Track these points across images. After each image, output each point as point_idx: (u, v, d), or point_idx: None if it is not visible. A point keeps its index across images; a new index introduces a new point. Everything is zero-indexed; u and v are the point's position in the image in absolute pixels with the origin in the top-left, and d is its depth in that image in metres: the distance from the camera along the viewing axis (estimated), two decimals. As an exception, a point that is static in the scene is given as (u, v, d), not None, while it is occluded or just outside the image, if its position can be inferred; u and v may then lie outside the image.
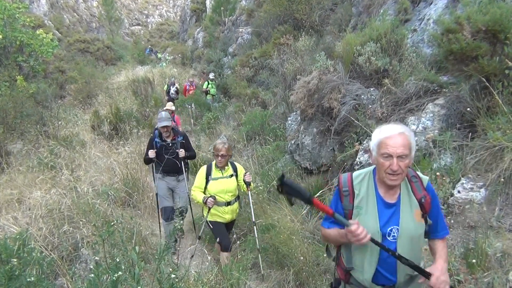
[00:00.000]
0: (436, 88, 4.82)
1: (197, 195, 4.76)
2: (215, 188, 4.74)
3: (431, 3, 6.25)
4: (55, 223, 4.93)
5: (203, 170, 4.89)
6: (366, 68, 5.81)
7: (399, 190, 2.23)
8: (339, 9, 9.98)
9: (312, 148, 6.28)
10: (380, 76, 5.69)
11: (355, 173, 2.36)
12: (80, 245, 4.68)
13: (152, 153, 5.74)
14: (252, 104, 10.76)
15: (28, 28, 15.89)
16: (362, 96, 5.56)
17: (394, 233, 2.16)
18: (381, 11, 7.08)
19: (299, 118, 7.00)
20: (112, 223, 3.36)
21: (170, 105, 9.42)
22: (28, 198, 5.72)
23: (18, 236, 3.92)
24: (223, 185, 4.77)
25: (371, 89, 5.68)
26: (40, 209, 5.20)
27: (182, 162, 5.95)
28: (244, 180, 4.82)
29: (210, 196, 4.59)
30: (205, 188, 4.80)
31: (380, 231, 2.16)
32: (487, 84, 3.81)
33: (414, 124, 4.60)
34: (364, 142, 5.12)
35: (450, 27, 4.23)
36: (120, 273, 2.19)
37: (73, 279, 3.74)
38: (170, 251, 3.95)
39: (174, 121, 8.37)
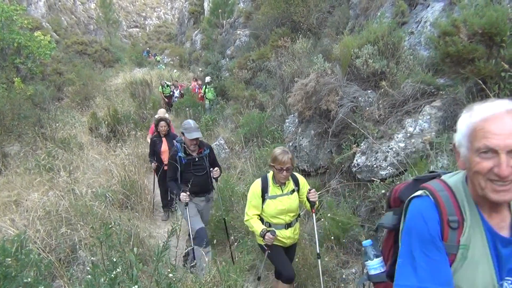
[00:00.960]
0: (433, 90, 4.84)
1: (254, 224, 3.76)
2: (273, 208, 3.77)
3: (428, 6, 6.29)
4: (52, 225, 4.93)
5: (257, 186, 3.84)
6: (363, 70, 5.83)
7: (510, 211, 1.40)
8: (337, 12, 10.02)
9: (310, 150, 6.30)
10: (378, 78, 5.71)
11: (450, 182, 1.45)
12: (77, 247, 4.68)
13: (185, 198, 4.70)
14: (250, 106, 10.78)
15: (25, 30, 15.87)
16: (360, 98, 5.58)
17: None
18: (379, 13, 7.11)
19: (296, 120, 7.01)
20: (110, 225, 3.36)
21: (163, 112, 8.60)
22: (26, 200, 5.72)
23: (15, 238, 3.92)
24: (283, 204, 3.78)
25: (369, 91, 5.70)
26: (37, 211, 5.20)
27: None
28: (308, 199, 3.79)
29: (269, 231, 3.59)
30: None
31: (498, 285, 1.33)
32: (484, 86, 3.84)
33: (411, 126, 4.62)
34: (362, 144, 5.13)
35: (446, 30, 4.25)
36: (118, 270, 2.19)
37: (71, 281, 3.74)
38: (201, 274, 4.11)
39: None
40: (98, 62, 28.76)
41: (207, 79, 15.82)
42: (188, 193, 4.77)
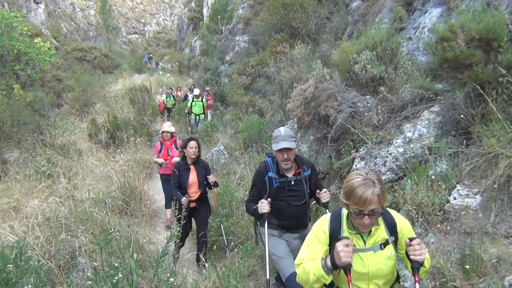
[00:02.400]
0: (431, 96, 4.86)
1: (310, 266, 2.24)
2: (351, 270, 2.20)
3: (426, 12, 6.32)
4: (52, 231, 4.93)
5: (322, 228, 2.39)
6: (362, 76, 5.85)
7: None
8: (335, 18, 10.07)
9: (309, 155, 6.31)
10: (376, 83, 5.73)
11: None
12: (77, 253, 4.68)
13: (265, 207, 3.45)
14: (249, 112, 10.80)
15: (25, 36, 15.94)
16: (358, 104, 5.60)
17: None
18: (377, 19, 7.14)
19: (296, 125, 7.03)
20: (109, 231, 3.36)
21: (168, 126, 7.50)
22: (25, 207, 5.71)
23: (15, 245, 3.92)
24: (366, 265, 2.28)
25: (367, 96, 5.72)
26: (37, 217, 5.19)
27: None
28: (409, 257, 2.17)
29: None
30: None
31: None
32: (482, 91, 3.85)
33: (410, 131, 4.63)
34: (361, 149, 5.15)
35: (444, 36, 4.28)
36: (120, 275, 2.19)
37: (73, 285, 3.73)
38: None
39: (177, 148, 6.97)
40: (98, 69, 28.81)
41: (196, 91, 14.20)
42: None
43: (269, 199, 3.48)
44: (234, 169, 8.10)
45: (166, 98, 17.51)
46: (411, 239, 2.17)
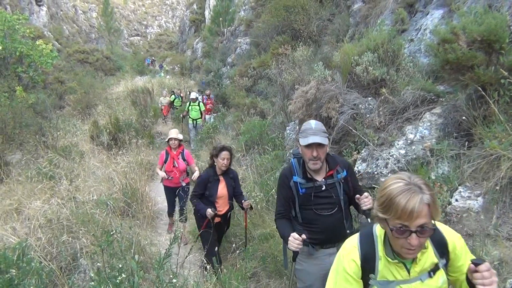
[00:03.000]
0: (433, 97, 4.86)
1: None
2: None
3: (428, 14, 6.32)
4: (54, 233, 4.93)
5: (352, 257, 1.85)
6: (363, 77, 5.85)
7: None
8: (337, 20, 10.08)
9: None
10: (378, 85, 5.73)
11: None
12: (79, 255, 4.68)
13: (295, 244, 2.68)
14: (251, 114, 10.81)
15: (27, 39, 15.98)
16: (360, 106, 5.59)
17: None
18: (378, 21, 7.15)
19: (297, 127, 7.03)
20: (111, 233, 3.37)
21: (176, 132, 6.79)
22: (27, 209, 5.72)
23: (17, 247, 3.92)
24: None
25: (369, 98, 5.72)
26: (39, 219, 5.20)
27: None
28: (471, 285, 1.62)
29: None
30: None
31: None
32: (483, 93, 3.85)
33: (411, 133, 4.63)
34: (362, 151, 5.14)
35: (446, 37, 4.27)
36: (123, 275, 2.19)
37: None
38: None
39: (184, 159, 6.69)
40: (100, 71, 28.88)
41: (193, 95, 13.55)
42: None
43: (303, 236, 2.65)
44: (236, 171, 8.09)
45: (174, 99, 17.14)
46: (476, 263, 1.58)
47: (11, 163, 8.58)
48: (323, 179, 3.02)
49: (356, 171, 4.94)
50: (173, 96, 17.21)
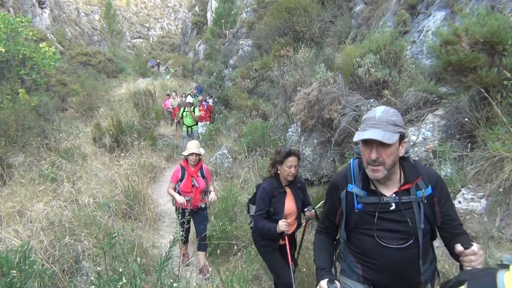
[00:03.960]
0: (435, 99, 4.85)
1: None
2: None
3: (430, 15, 6.32)
4: (56, 235, 4.92)
5: None
6: (365, 79, 5.85)
7: None
8: (339, 21, 10.08)
9: (313, 159, 6.29)
10: (380, 87, 5.72)
11: None
12: (81, 257, 4.67)
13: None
14: (253, 116, 10.81)
15: (30, 41, 16.03)
16: (362, 107, 5.58)
17: None
18: (380, 23, 7.14)
19: (299, 129, 7.02)
20: (113, 235, 3.36)
21: (196, 146, 5.48)
22: (30, 211, 5.72)
23: (19, 249, 3.92)
24: None
25: (371, 100, 5.71)
26: (41, 221, 5.20)
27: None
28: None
29: None
30: None
31: None
32: (486, 95, 3.84)
33: (414, 135, 4.61)
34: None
35: (448, 39, 4.27)
36: (124, 280, 2.19)
37: (76, 291, 3.73)
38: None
39: (204, 176, 5.52)
40: (102, 73, 28.95)
41: (189, 99, 12.78)
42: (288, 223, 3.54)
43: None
44: (237, 173, 8.09)
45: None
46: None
47: (14, 165, 8.59)
48: (394, 195, 2.07)
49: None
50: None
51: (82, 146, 10.50)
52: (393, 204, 2.07)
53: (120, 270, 2.44)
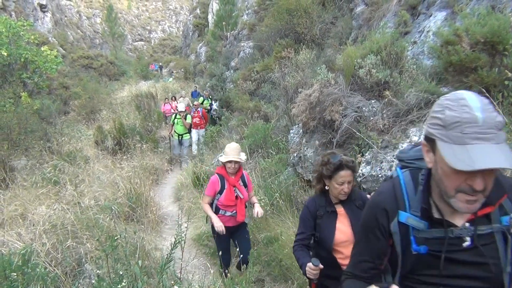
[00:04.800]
0: (436, 99, 4.83)
1: None
2: None
3: (431, 16, 6.31)
4: (58, 238, 4.94)
5: None
6: (367, 80, 5.84)
7: None
8: (340, 23, 10.08)
9: (315, 160, 6.29)
10: (381, 88, 5.71)
11: None
12: (83, 260, 4.68)
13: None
14: (255, 118, 10.81)
15: (32, 45, 16.12)
16: (364, 108, 5.58)
17: None
18: (381, 24, 7.14)
19: (301, 130, 7.02)
20: (115, 238, 3.37)
21: (236, 151, 4.55)
22: (32, 214, 5.73)
23: (22, 252, 3.93)
24: None
25: (372, 101, 5.70)
26: (44, 224, 5.21)
27: None
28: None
29: None
30: None
31: None
32: (487, 95, 3.83)
33: (416, 136, 4.61)
34: (366, 154, 5.13)
35: (449, 39, 4.27)
36: (124, 283, 2.19)
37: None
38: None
39: (246, 185, 4.69)
40: (104, 76, 29.05)
41: (180, 106, 11.71)
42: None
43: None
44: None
45: (203, 100, 15.88)
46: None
47: (17, 169, 8.62)
48: (468, 224, 1.45)
49: (360, 174, 4.91)
50: (201, 98, 16.31)
51: (85, 149, 10.54)
52: (468, 239, 1.42)
53: (121, 272, 2.44)
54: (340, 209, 2.91)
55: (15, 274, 3.01)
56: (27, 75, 15.38)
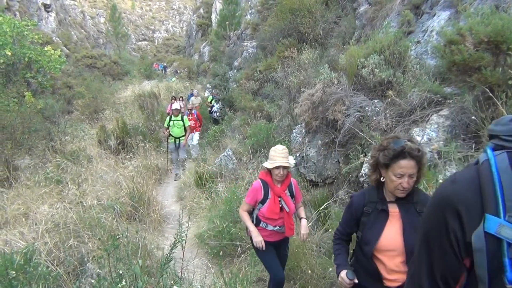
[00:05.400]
0: (440, 99, 4.81)
1: None
2: None
3: (434, 15, 6.29)
4: (61, 237, 4.95)
5: None
6: (370, 80, 5.83)
7: None
8: (343, 22, 10.05)
9: (317, 160, 6.27)
10: (384, 87, 5.70)
11: None
12: (85, 259, 4.69)
13: None
14: (257, 117, 10.80)
15: (36, 44, 16.18)
16: (366, 108, 5.56)
17: None
18: (385, 23, 7.12)
19: (303, 130, 7.01)
20: (117, 237, 3.37)
21: (283, 154, 3.75)
22: (35, 213, 5.75)
23: (24, 251, 3.94)
24: None
25: (375, 100, 5.69)
26: (46, 223, 5.22)
27: None
28: None
29: None
30: None
31: None
32: (491, 94, 3.81)
33: (419, 136, 4.58)
34: (369, 154, 5.11)
35: (452, 39, 4.24)
36: (124, 283, 2.19)
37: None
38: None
39: (293, 195, 3.91)
40: (108, 75, 29.10)
41: (175, 105, 11.06)
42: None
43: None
44: (242, 175, 8.09)
45: (212, 100, 15.58)
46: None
47: (20, 168, 8.66)
48: None
49: (363, 174, 4.89)
50: (210, 97, 16.17)
51: (88, 148, 10.55)
52: None
53: (121, 272, 2.44)
54: (393, 209, 2.36)
55: (13, 272, 3.01)
56: (31, 74, 15.45)
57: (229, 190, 6.79)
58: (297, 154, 6.77)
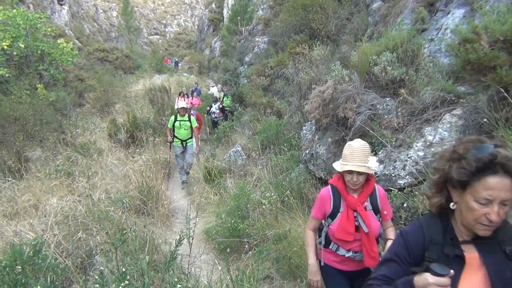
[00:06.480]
0: (453, 99, 4.74)
1: None
2: None
3: (449, 13, 6.18)
4: (69, 230, 4.98)
5: None
6: (381, 77, 5.76)
7: None
8: (355, 19, 9.96)
9: (327, 157, 6.23)
10: (396, 86, 5.62)
11: None
12: (94, 252, 4.71)
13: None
14: (267, 113, 10.78)
15: (49, 37, 16.31)
16: (378, 106, 5.50)
17: None
18: (398, 20, 7.03)
19: (313, 127, 6.96)
20: (124, 231, 3.37)
21: (361, 154, 2.87)
22: (45, 205, 5.80)
23: (33, 243, 3.97)
24: None
25: (387, 99, 5.62)
26: (56, 215, 5.26)
27: None
28: None
29: None
30: None
31: None
32: (506, 94, 3.73)
33: (431, 135, 4.52)
34: (380, 152, 5.05)
35: (467, 37, 4.17)
36: (126, 282, 2.19)
37: (86, 287, 3.76)
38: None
39: (378, 210, 2.89)
40: (119, 69, 29.24)
41: (181, 103, 9.85)
42: None
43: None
44: (251, 171, 8.08)
45: (224, 97, 15.39)
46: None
47: (31, 159, 8.74)
48: None
49: (373, 173, 4.83)
50: (221, 93, 16.14)
51: (98, 141, 10.62)
52: None
53: (124, 269, 2.43)
54: (471, 255, 1.54)
55: (19, 267, 3.02)
56: (44, 67, 15.59)
57: (238, 186, 6.78)
58: (307, 152, 6.73)
